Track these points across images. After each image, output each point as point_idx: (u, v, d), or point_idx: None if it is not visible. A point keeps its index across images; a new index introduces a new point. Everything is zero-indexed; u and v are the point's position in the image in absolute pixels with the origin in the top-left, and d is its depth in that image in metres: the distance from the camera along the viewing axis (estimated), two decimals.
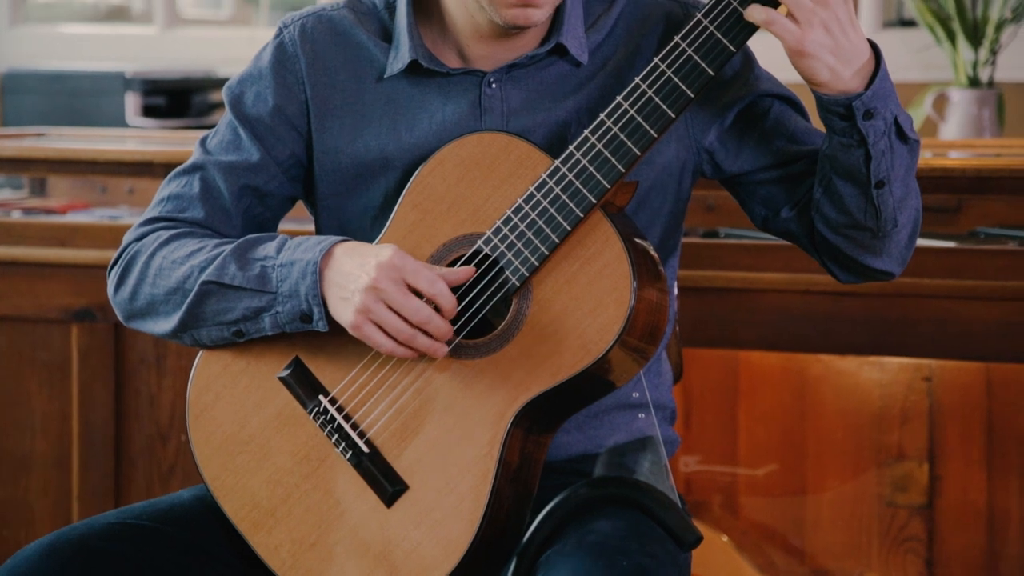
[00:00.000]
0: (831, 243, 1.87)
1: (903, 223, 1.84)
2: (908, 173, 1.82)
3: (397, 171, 1.89)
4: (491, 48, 1.89)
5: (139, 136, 3.76)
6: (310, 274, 1.79)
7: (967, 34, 3.86)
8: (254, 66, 1.97)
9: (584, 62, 1.89)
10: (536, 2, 1.80)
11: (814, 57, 1.71)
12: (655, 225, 1.92)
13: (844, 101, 1.73)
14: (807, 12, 1.69)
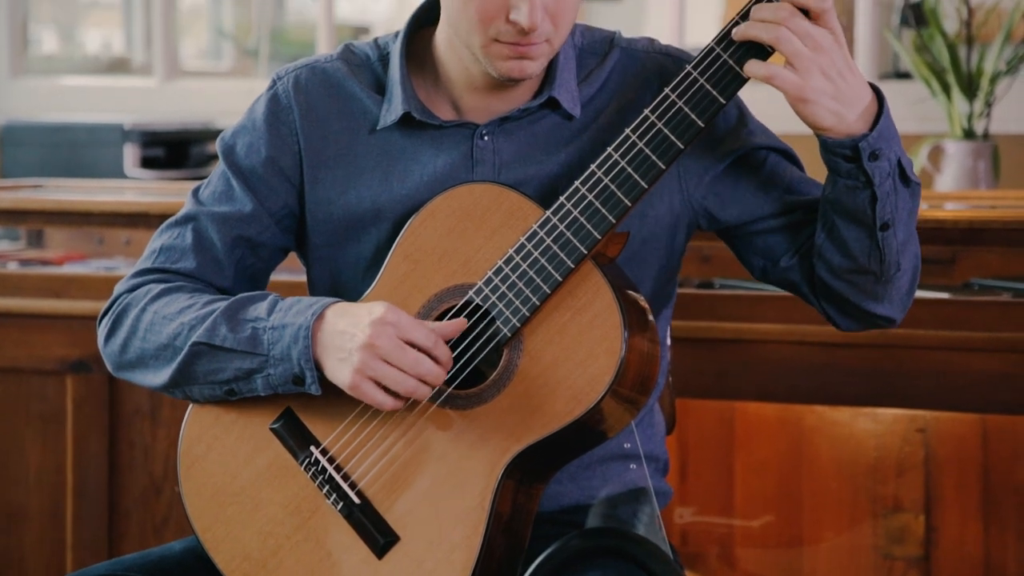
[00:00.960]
0: (833, 289, 1.87)
1: (905, 268, 1.85)
2: (910, 216, 1.83)
3: (389, 222, 1.90)
4: (485, 100, 1.90)
5: (137, 187, 3.77)
6: (302, 339, 1.79)
7: (962, 87, 3.87)
8: (248, 117, 1.97)
9: (577, 115, 1.90)
10: (531, 54, 1.81)
11: (816, 103, 1.72)
12: (647, 277, 1.92)
13: (850, 143, 1.74)
14: (805, 60, 1.70)
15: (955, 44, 3.86)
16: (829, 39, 1.71)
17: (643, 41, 1.97)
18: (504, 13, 1.77)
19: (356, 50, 1.97)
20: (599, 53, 1.94)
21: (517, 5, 1.76)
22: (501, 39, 1.79)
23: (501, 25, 1.78)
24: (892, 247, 1.81)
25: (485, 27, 1.79)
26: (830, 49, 1.71)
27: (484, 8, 1.78)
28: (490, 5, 1.78)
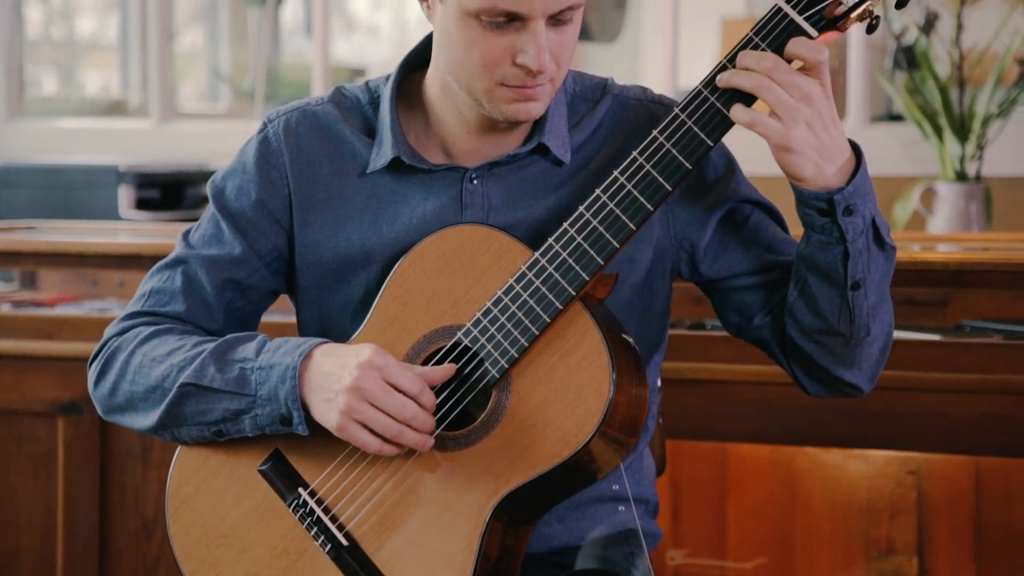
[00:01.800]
0: (803, 350, 1.86)
1: (876, 334, 1.84)
2: (883, 280, 1.82)
3: (378, 264, 1.90)
4: (477, 143, 1.90)
5: (131, 229, 3.77)
6: (289, 379, 1.79)
7: (954, 129, 3.89)
8: (238, 160, 1.98)
9: (566, 161, 1.90)
10: (536, 96, 1.81)
11: (799, 153, 1.72)
12: (636, 321, 1.92)
13: (825, 196, 1.74)
14: (791, 110, 1.70)
15: (947, 87, 3.88)
16: (817, 91, 1.70)
17: (635, 89, 1.97)
18: (509, 57, 1.78)
19: (347, 93, 1.98)
20: (591, 99, 1.94)
21: (524, 48, 1.77)
22: (507, 83, 1.79)
23: (507, 69, 1.79)
24: (862, 308, 1.80)
25: (490, 72, 1.79)
26: (817, 101, 1.70)
27: (489, 53, 1.78)
28: (495, 50, 1.78)
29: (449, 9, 1.79)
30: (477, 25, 1.77)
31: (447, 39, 1.81)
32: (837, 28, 1.74)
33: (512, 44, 1.77)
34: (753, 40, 1.73)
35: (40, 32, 8.12)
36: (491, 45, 1.77)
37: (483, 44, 1.78)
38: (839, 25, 1.73)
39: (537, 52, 1.76)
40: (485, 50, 1.78)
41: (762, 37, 1.73)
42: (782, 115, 1.70)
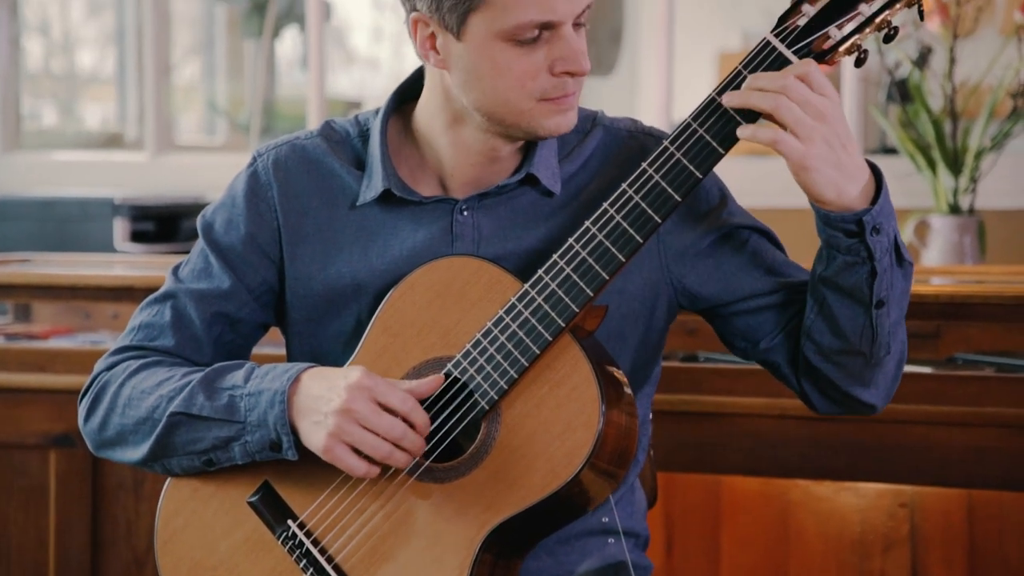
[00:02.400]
0: (820, 371, 1.86)
1: (894, 351, 1.84)
2: (903, 296, 1.82)
3: (369, 296, 1.90)
4: (476, 173, 1.90)
5: (125, 261, 3.78)
6: (278, 403, 1.79)
7: (947, 162, 3.89)
8: (228, 194, 1.98)
9: (556, 192, 1.91)
10: (572, 104, 1.83)
11: (819, 171, 1.71)
12: (626, 353, 1.92)
13: (853, 217, 1.73)
14: (807, 128, 1.70)
15: (940, 120, 3.89)
16: (831, 108, 1.70)
17: (626, 121, 1.98)
18: (546, 69, 1.79)
19: (336, 127, 1.98)
20: (581, 131, 1.95)
21: (561, 56, 1.78)
22: (547, 96, 1.80)
23: (545, 81, 1.79)
24: (885, 327, 1.80)
25: (529, 89, 1.79)
26: (832, 119, 1.71)
27: (526, 70, 1.78)
28: (531, 66, 1.78)
29: (472, 42, 1.79)
30: (509, 47, 1.78)
31: (474, 74, 1.81)
32: (825, 62, 1.75)
33: (547, 55, 1.78)
34: (742, 74, 1.74)
35: (40, 65, 8.15)
36: (526, 62, 1.78)
37: (519, 63, 1.78)
38: (827, 59, 1.74)
39: (575, 55, 1.78)
40: (522, 68, 1.78)
41: (751, 70, 1.73)
42: (800, 133, 1.70)
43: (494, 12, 1.76)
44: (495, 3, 1.76)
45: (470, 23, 1.78)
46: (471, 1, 1.77)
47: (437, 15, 1.80)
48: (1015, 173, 4.51)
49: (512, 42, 1.78)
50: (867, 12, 1.71)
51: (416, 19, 1.83)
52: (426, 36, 1.83)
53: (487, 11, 1.77)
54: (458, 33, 1.80)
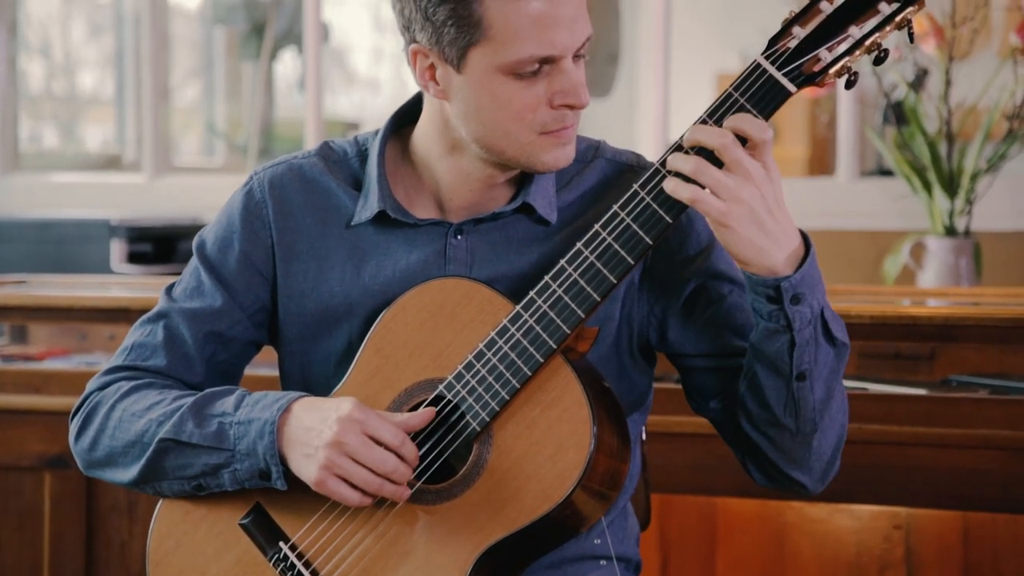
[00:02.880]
0: (753, 441, 1.85)
1: (825, 430, 1.82)
2: (833, 375, 1.80)
3: (361, 316, 1.90)
4: (475, 198, 1.90)
5: (121, 283, 3.78)
6: (268, 434, 1.79)
7: (943, 184, 3.90)
8: (223, 213, 1.99)
9: (552, 221, 1.91)
10: (571, 138, 1.84)
11: (736, 231, 1.70)
12: (616, 375, 1.92)
13: (772, 282, 1.73)
14: (728, 189, 1.69)
15: (935, 142, 3.89)
16: (759, 172, 1.70)
17: (628, 154, 1.97)
18: (547, 102, 1.79)
19: (334, 147, 1.99)
20: (582, 160, 1.94)
21: (561, 89, 1.79)
22: (547, 129, 1.81)
23: (545, 115, 1.80)
24: (809, 401, 1.79)
25: (530, 122, 1.80)
26: (760, 182, 1.70)
27: (527, 104, 1.79)
28: (531, 99, 1.79)
29: (473, 75, 1.80)
30: (509, 80, 1.78)
31: (474, 106, 1.81)
32: (816, 84, 1.75)
33: (547, 89, 1.79)
34: (733, 95, 1.74)
35: (42, 87, 8.17)
36: (527, 95, 1.79)
37: (519, 96, 1.79)
38: (818, 81, 1.75)
39: (575, 88, 1.79)
40: (523, 101, 1.79)
41: (742, 92, 1.74)
42: (721, 194, 1.70)
43: (495, 47, 1.77)
44: (495, 38, 1.77)
45: (470, 57, 1.79)
46: (471, 36, 1.77)
47: (437, 47, 1.80)
48: (1011, 195, 4.52)
49: (512, 76, 1.78)
50: (857, 35, 1.72)
51: (416, 50, 1.83)
52: (426, 67, 1.84)
53: (487, 45, 1.77)
54: (458, 66, 1.80)
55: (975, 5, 3.94)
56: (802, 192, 4.91)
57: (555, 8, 1.76)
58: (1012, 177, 4.41)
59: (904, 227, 4.40)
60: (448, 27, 1.78)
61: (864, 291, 3.30)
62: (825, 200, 4.82)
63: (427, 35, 1.80)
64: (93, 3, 8.07)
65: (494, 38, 1.77)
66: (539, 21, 1.76)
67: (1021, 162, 4.16)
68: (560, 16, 1.77)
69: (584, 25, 1.80)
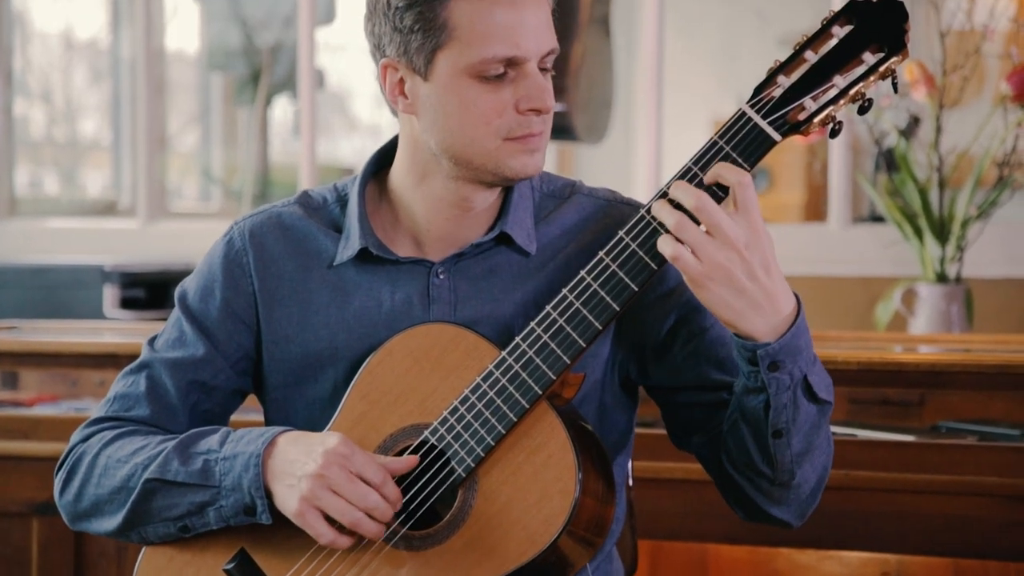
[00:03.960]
0: (734, 481, 1.86)
1: (804, 477, 1.83)
2: (814, 430, 1.80)
3: (346, 361, 1.91)
4: (449, 228, 1.91)
5: (114, 328, 3.78)
6: (252, 467, 1.79)
7: (934, 231, 3.90)
8: (204, 263, 2.00)
9: (532, 252, 1.92)
10: (539, 146, 1.85)
11: (713, 293, 1.71)
12: (598, 417, 1.92)
13: (751, 347, 1.74)
14: (708, 252, 1.70)
15: (926, 189, 3.90)
16: (745, 236, 1.70)
17: (604, 191, 1.99)
18: (512, 106, 1.81)
19: (313, 195, 2.01)
20: (559, 197, 1.97)
21: (526, 93, 1.81)
22: (512, 134, 1.82)
23: (511, 119, 1.82)
24: (785, 455, 1.79)
25: (495, 126, 1.82)
26: (744, 246, 1.70)
27: (491, 107, 1.81)
28: (496, 103, 1.81)
29: (440, 80, 1.82)
30: (475, 83, 1.81)
31: (440, 112, 1.84)
32: (801, 133, 1.76)
33: (512, 93, 1.81)
34: (718, 143, 1.75)
35: (43, 133, 8.20)
36: (492, 99, 1.81)
37: (484, 100, 1.81)
38: (803, 130, 1.76)
39: (540, 92, 1.81)
40: (488, 104, 1.81)
41: (727, 140, 1.75)
42: (700, 256, 1.70)
43: (460, 48, 1.80)
44: (461, 39, 1.80)
45: (437, 61, 1.82)
46: (438, 39, 1.81)
47: (405, 58, 1.84)
48: (1002, 242, 4.53)
49: (478, 78, 1.81)
50: (842, 84, 1.73)
51: (385, 65, 1.87)
52: (395, 82, 1.87)
53: (453, 47, 1.80)
54: (425, 73, 1.83)
55: (965, 53, 3.96)
56: (795, 238, 4.92)
57: (520, 13, 1.80)
58: (1003, 224, 4.42)
59: (896, 273, 4.40)
60: (415, 33, 1.82)
61: (854, 337, 3.31)
62: (818, 246, 4.83)
63: (395, 47, 1.84)
64: (94, 49, 8.11)
65: (460, 39, 1.80)
66: (504, 21, 1.80)
67: (1012, 209, 4.17)
68: (525, 18, 1.81)
69: (549, 37, 1.84)
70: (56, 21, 7.92)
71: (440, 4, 1.80)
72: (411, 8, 1.81)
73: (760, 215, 1.72)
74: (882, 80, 1.73)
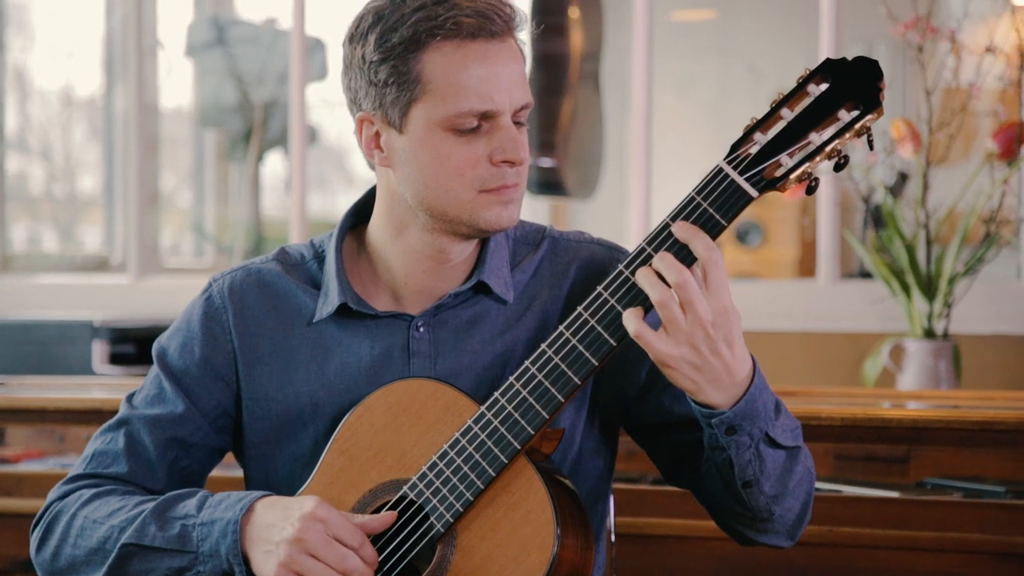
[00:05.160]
0: (720, 513, 1.90)
1: (786, 508, 1.85)
2: (786, 473, 1.83)
3: (327, 417, 1.91)
4: (427, 280, 1.92)
5: (102, 384, 3.78)
6: (231, 533, 1.79)
7: (921, 287, 3.91)
8: (183, 320, 2.00)
9: (509, 300, 1.93)
10: (513, 197, 1.86)
11: (676, 370, 1.74)
12: (574, 462, 1.93)
13: (707, 414, 1.77)
14: (679, 331, 1.72)
15: (913, 246, 3.92)
16: (710, 315, 1.72)
17: (574, 233, 2.01)
18: (486, 159, 1.83)
19: (291, 251, 2.01)
20: (532, 243, 1.98)
21: (500, 146, 1.83)
22: (487, 186, 1.84)
23: (485, 171, 1.83)
24: (759, 500, 1.82)
25: (469, 179, 1.83)
26: (710, 325, 1.72)
27: (466, 159, 1.83)
28: (471, 155, 1.83)
29: (414, 133, 1.84)
30: (449, 136, 1.82)
31: (415, 165, 1.85)
32: (777, 189, 1.77)
33: (486, 146, 1.83)
34: (695, 199, 1.76)
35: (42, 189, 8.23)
36: (466, 151, 1.83)
37: (458, 152, 1.83)
38: (779, 186, 1.77)
39: (514, 144, 1.83)
40: (462, 157, 1.83)
41: (704, 197, 1.76)
42: (670, 332, 1.73)
43: (435, 101, 1.82)
44: (436, 92, 1.82)
45: (412, 114, 1.84)
46: (412, 92, 1.83)
47: (381, 111, 1.86)
48: (989, 298, 4.54)
49: (452, 131, 1.83)
50: (817, 141, 1.74)
51: (362, 119, 1.88)
52: (371, 135, 1.89)
53: (428, 101, 1.82)
54: (400, 126, 1.85)
55: (952, 111, 3.98)
56: (784, 295, 4.92)
57: (492, 63, 1.82)
58: (990, 281, 4.43)
59: (884, 329, 4.41)
60: (390, 86, 1.83)
61: (840, 393, 3.31)
62: (806, 303, 4.84)
63: (371, 100, 1.86)
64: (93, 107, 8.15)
65: (434, 92, 1.82)
66: (477, 74, 1.82)
67: (999, 266, 4.19)
68: (498, 72, 1.83)
69: (523, 91, 1.85)
70: (56, 79, 7.96)
71: (414, 58, 1.82)
72: (385, 62, 1.83)
73: (729, 292, 1.74)
74: (857, 137, 1.75)
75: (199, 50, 7.18)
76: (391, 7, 1.84)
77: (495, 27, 1.83)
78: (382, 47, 1.83)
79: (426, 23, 1.81)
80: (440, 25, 1.81)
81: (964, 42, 4.13)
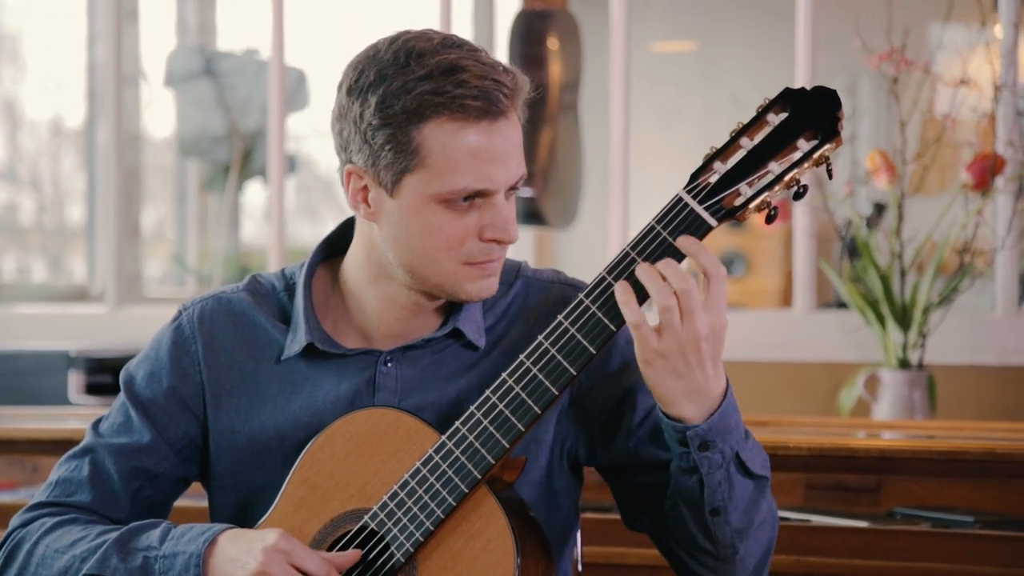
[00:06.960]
0: (681, 559, 1.87)
1: (747, 550, 1.84)
2: (752, 506, 1.82)
3: (291, 449, 1.90)
4: (401, 327, 1.92)
5: (77, 414, 3.77)
6: (193, 567, 1.79)
7: (896, 317, 3.92)
8: (151, 348, 2.00)
9: (481, 346, 1.93)
10: (496, 270, 1.86)
11: (657, 373, 1.74)
12: (543, 502, 1.92)
13: (681, 428, 1.76)
14: (674, 336, 1.73)
15: (888, 276, 3.93)
16: (706, 331, 1.73)
17: (548, 272, 2.00)
18: (475, 234, 1.82)
19: (262, 280, 2.00)
20: (505, 283, 1.97)
21: (491, 223, 1.82)
22: (473, 260, 1.83)
23: (473, 246, 1.83)
24: (725, 532, 1.81)
25: (456, 252, 1.83)
26: (702, 339, 1.73)
27: (455, 234, 1.82)
28: (461, 229, 1.82)
29: (405, 200, 1.82)
30: (441, 209, 1.81)
31: (403, 230, 1.84)
32: (736, 218, 1.78)
33: (477, 221, 1.82)
34: (655, 228, 1.77)
35: (32, 220, 8.22)
36: (457, 225, 1.82)
37: (449, 226, 1.82)
38: (738, 215, 1.77)
39: (505, 223, 1.82)
40: (453, 230, 1.82)
41: (664, 225, 1.76)
42: (663, 336, 1.73)
43: (430, 175, 1.80)
44: (432, 167, 1.80)
45: (404, 183, 1.82)
46: (408, 162, 1.80)
47: (372, 170, 1.83)
48: (964, 329, 4.55)
49: (444, 205, 1.81)
50: (777, 170, 1.75)
51: (351, 171, 1.86)
52: (359, 188, 1.86)
53: (423, 173, 1.80)
54: (391, 191, 1.83)
55: (926, 142, 4.00)
56: (760, 324, 4.93)
57: (492, 144, 1.80)
58: (965, 311, 4.44)
59: (858, 359, 4.41)
60: (386, 151, 1.81)
61: (813, 423, 3.32)
62: (783, 332, 4.84)
63: (363, 157, 1.83)
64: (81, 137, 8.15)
65: (430, 166, 1.80)
66: (476, 154, 1.79)
67: (973, 296, 4.20)
68: (497, 152, 1.81)
69: (519, 165, 1.84)
70: (46, 109, 7.97)
71: (414, 128, 1.79)
72: (384, 128, 1.80)
73: (725, 310, 1.75)
74: (816, 167, 1.75)
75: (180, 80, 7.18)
76: (395, 69, 1.80)
77: (500, 107, 1.80)
78: (383, 112, 1.80)
79: (432, 98, 1.78)
80: (446, 104, 1.78)
81: (939, 74, 4.15)
